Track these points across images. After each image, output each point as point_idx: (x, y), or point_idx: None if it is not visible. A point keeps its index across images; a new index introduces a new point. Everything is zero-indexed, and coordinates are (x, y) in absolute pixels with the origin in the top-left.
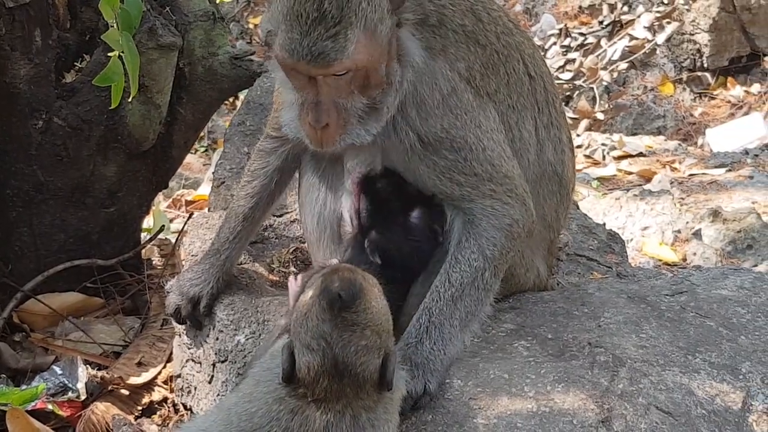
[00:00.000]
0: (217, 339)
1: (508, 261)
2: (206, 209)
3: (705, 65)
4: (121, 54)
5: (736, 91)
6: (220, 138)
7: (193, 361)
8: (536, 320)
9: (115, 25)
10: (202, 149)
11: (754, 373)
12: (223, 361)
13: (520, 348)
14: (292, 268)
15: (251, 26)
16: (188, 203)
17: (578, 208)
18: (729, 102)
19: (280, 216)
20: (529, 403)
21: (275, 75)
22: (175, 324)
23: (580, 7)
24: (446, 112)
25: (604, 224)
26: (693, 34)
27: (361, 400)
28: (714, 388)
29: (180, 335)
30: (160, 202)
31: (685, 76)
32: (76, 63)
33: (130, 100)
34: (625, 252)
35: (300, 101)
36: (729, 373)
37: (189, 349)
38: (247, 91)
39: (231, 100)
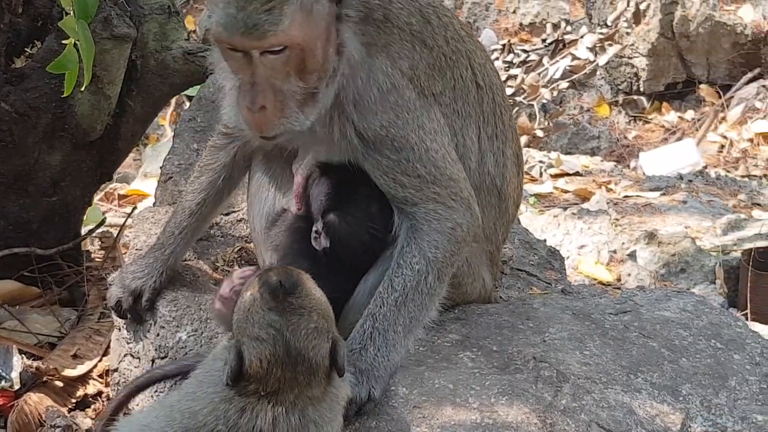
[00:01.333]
0: (158, 335)
1: (453, 265)
2: (148, 203)
3: (641, 89)
4: (77, 42)
5: (671, 116)
6: (151, 133)
7: (131, 356)
8: (481, 332)
9: (71, 12)
10: None
11: (694, 396)
12: (163, 358)
13: (465, 359)
14: (236, 267)
15: (189, 26)
16: (120, 197)
17: (519, 222)
18: (663, 127)
19: (227, 215)
20: (473, 414)
21: (216, 68)
22: (115, 317)
23: (520, 24)
24: (386, 109)
25: (545, 240)
26: (631, 58)
27: (312, 389)
28: (654, 408)
29: (120, 329)
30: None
31: (621, 98)
32: (26, 49)
33: (82, 89)
34: (564, 269)
35: (237, 85)
36: (669, 394)
37: (128, 343)
38: (198, 87)
39: None
